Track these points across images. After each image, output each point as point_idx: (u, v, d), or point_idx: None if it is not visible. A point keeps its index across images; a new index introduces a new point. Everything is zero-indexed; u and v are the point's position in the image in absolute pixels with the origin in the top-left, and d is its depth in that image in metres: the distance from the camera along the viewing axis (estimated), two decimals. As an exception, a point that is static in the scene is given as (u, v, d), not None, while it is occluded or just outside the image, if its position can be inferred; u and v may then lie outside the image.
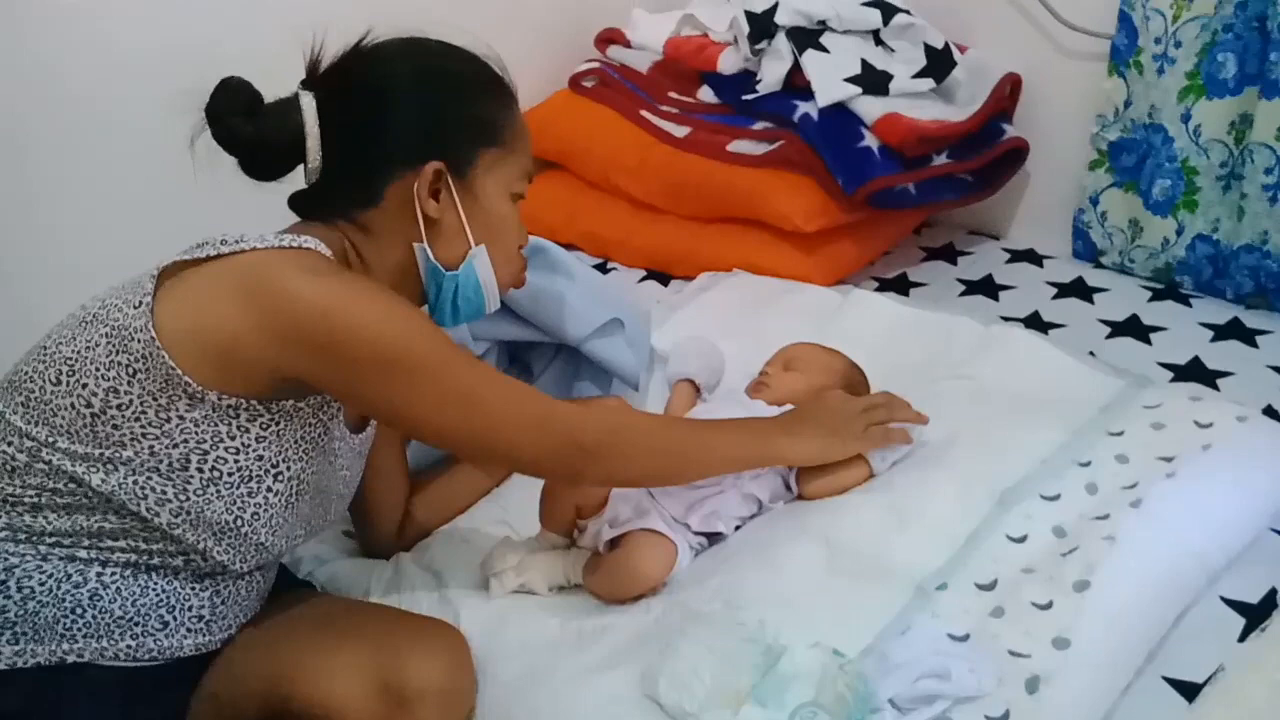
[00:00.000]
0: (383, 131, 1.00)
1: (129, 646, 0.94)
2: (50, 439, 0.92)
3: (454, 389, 0.95)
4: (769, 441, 1.13)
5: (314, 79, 1.02)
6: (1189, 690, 0.99)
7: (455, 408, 0.95)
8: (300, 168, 1.01)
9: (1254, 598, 1.07)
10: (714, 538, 1.19)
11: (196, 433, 0.91)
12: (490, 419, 0.97)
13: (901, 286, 1.78)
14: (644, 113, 1.92)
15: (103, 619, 0.94)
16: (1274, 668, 0.99)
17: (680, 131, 1.87)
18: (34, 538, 0.93)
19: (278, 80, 1.01)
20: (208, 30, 1.46)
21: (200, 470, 0.92)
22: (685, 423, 1.19)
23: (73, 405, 0.91)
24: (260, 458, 0.95)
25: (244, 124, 0.97)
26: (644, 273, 1.87)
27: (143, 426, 0.91)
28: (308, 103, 0.99)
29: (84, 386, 0.91)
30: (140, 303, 0.91)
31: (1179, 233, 1.66)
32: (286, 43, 1.02)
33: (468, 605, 1.14)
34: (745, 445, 1.12)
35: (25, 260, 1.46)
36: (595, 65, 2.02)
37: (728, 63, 1.82)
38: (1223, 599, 1.07)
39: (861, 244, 1.80)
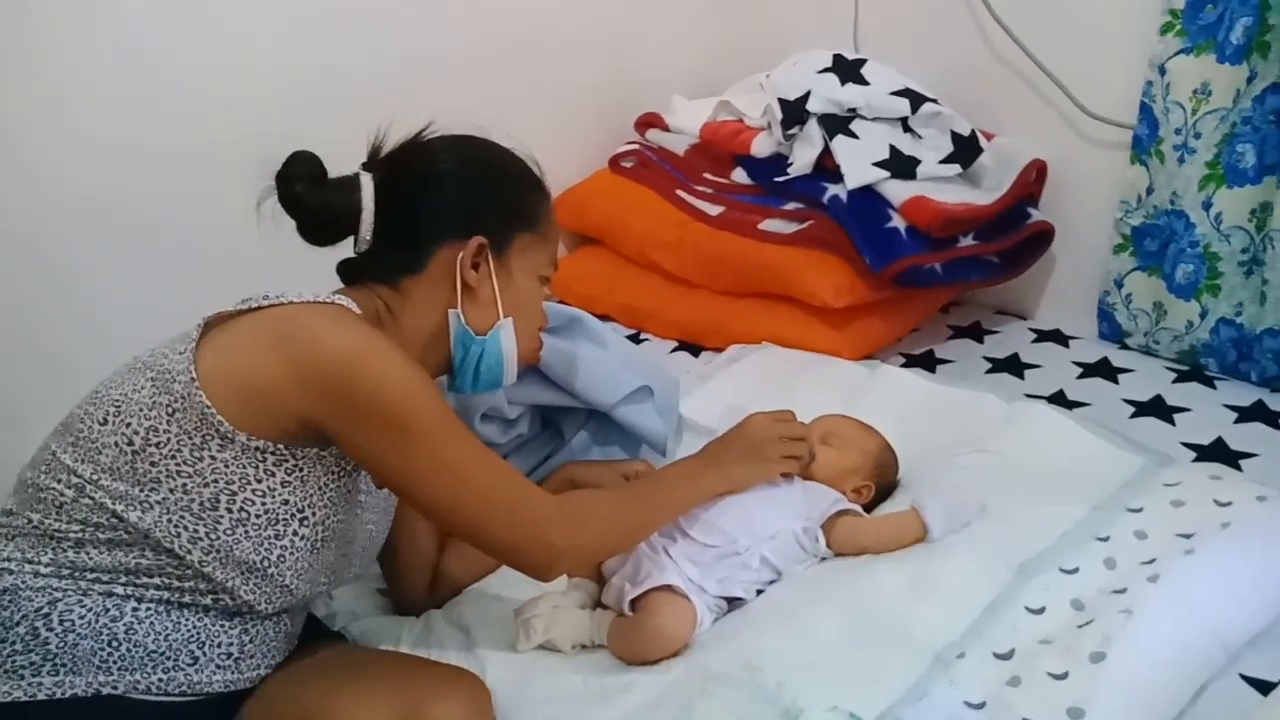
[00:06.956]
0: (434, 206, 1.09)
1: (160, 680, 0.99)
2: (94, 476, 0.98)
3: (449, 461, 1.00)
4: (701, 479, 1.23)
5: (374, 162, 1.11)
6: (1208, 766, 0.99)
7: (446, 479, 1.00)
8: (346, 239, 1.09)
9: (1274, 676, 1.07)
10: (734, 602, 1.22)
11: (226, 473, 0.97)
12: (474, 496, 1.01)
13: (928, 363, 1.81)
14: (680, 192, 2.00)
15: (136, 652, 0.98)
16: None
17: (714, 210, 1.95)
18: (76, 573, 0.98)
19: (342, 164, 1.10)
20: (289, 118, 1.61)
21: (229, 511, 0.98)
22: (634, 491, 1.24)
23: (116, 443, 0.97)
24: (286, 502, 1.00)
25: (309, 191, 1.06)
26: (676, 343, 1.93)
27: (177, 465, 0.97)
28: (366, 181, 1.08)
29: (127, 425, 0.97)
30: (185, 349, 0.99)
31: (1203, 316, 1.69)
32: (351, 131, 1.12)
33: (494, 660, 1.17)
34: (685, 491, 1.22)
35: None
36: (634, 147, 2.11)
37: (761, 146, 1.90)
38: (1242, 676, 1.07)
39: (889, 321, 1.84)
